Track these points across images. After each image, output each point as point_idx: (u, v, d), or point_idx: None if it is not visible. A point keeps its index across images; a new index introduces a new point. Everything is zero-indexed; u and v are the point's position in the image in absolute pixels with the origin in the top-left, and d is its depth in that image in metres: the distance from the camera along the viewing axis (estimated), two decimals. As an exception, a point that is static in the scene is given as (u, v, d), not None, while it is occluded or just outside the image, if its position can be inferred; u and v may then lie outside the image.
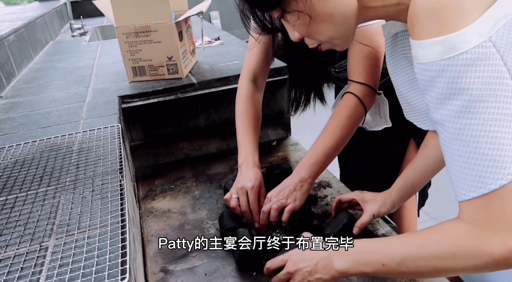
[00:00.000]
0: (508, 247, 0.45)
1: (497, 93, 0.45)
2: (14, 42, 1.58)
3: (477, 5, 0.45)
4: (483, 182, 0.45)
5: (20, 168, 0.77)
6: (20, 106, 1.16)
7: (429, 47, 0.47)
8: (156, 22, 1.21)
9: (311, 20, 0.57)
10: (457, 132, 0.47)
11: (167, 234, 0.96)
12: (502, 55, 0.45)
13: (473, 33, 0.44)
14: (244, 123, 1.00)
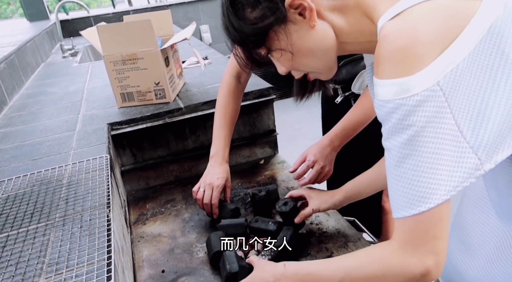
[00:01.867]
0: (425, 266, 0.52)
1: (437, 130, 0.50)
2: (5, 69, 1.61)
3: (430, 52, 0.50)
4: (414, 204, 0.52)
5: (11, 204, 0.80)
6: (12, 137, 1.19)
7: (387, 87, 0.52)
8: (142, 50, 1.25)
9: (293, 56, 0.62)
10: (400, 160, 0.53)
11: (158, 259, 0.99)
12: (447, 97, 0.50)
13: (424, 78, 0.50)
14: (221, 119, 1.10)
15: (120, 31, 1.24)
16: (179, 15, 3.72)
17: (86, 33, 1.32)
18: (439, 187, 0.51)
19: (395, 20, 0.53)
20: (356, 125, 1.02)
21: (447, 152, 0.51)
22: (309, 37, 0.61)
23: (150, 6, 3.84)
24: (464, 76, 0.50)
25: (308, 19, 0.59)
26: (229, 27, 0.64)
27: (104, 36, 1.24)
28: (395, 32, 0.52)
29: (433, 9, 0.51)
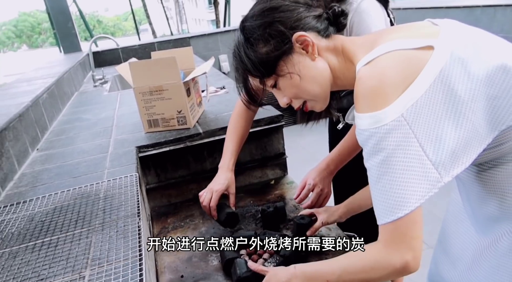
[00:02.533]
0: (404, 260, 0.65)
1: (405, 152, 0.63)
2: (47, 99, 1.83)
3: (394, 92, 0.64)
4: (392, 212, 0.64)
5: (59, 213, 0.96)
6: (54, 158, 1.37)
7: (364, 119, 0.67)
8: (167, 83, 1.43)
9: (301, 79, 0.76)
10: (378, 177, 0.66)
11: (177, 266, 1.12)
12: (411, 125, 0.63)
13: (391, 111, 0.64)
14: (229, 136, 1.27)
15: (148, 67, 1.43)
16: (199, 46, 3.98)
17: (120, 68, 1.52)
18: (411, 197, 0.63)
19: (368, 66, 0.68)
20: (350, 151, 1.13)
21: (414, 168, 0.63)
22: (311, 67, 0.76)
23: (173, 38, 4.12)
24: (423, 109, 0.63)
25: (310, 53, 0.75)
26: (244, 59, 0.78)
27: (134, 71, 1.43)
28: (367, 75, 0.67)
29: (396, 58, 0.66)
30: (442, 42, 0.66)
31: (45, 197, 1.06)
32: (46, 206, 1.01)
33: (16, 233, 0.89)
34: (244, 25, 0.78)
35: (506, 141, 0.69)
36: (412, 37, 0.68)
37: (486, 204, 0.80)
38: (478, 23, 2.92)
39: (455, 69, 0.64)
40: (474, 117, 0.64)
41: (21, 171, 1.28)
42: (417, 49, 0.66)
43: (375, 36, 0.75)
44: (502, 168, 0.74)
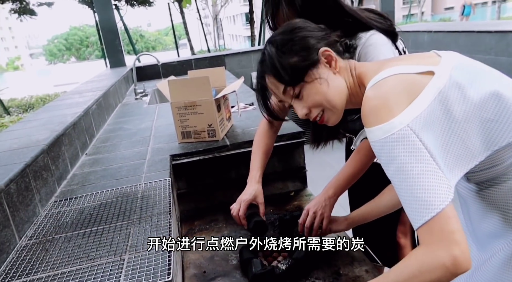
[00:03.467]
0: (453, 254, 0.62)
1: (417, 158, 0.68)
2: (95, 109, 2.06)
3: (399, 105, 0.72)
4: (422, 215, 0.67)
5: (104, 208, 1.13)
6: (100, 162, 1.57)
7: (373, 132, 0.74)
8: (200, 99, 1.61)
9: (328, 86, 0.86)
10: (399, 184, 0.70)
11: (201, 263, 1.26)
12: (417, 134, 0.69)
13: (397, 122, 0.70)
14: (255, 152, 1.39)
15: (184, 84, 1.61)
16: (233, 63, 4.20)
17: (160, 85, 1.72)
18: (434, 199, 0.66)
19: (373, 87, 0.77)
20: (350, 177, 1.17)
21: (429, 173, 0.68)
22: (334, 78, 0.87)
23: (209, 55, 4.37)
24: (426, 122, 0.70)
25: (333, 67, 0.86)
26: (277, 65, 0.87)
27: (172, 88, 1.61)
28: (373, 95, 0.75)
29: (399, 80, 0.75)
30: (442, 68, 0.75)
31: (93, 194, 1.24)
32: (93, 202, 1.19)
33: (69, 222, 1.07)
34: (274, 39, 0.89)
35: (501, 162, 0.77)
36: (415, 64, 0.77)
37: (487, 220, 0.86)
38: (510, 48, 2.92)
39: (453, 92, 0.72)
40: (466, 136, 0.73)
41: (73, 172, 1.48)
42: (419, 73, 0.75)
43: (382, 62, 0.85)
44: (501, 186, 0.81)
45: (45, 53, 49.16)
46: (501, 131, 0.74)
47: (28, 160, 1.12)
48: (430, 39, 3.75)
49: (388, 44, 1.11)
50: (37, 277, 0.83)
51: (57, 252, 0.92)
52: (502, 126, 0.74)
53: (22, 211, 1.03)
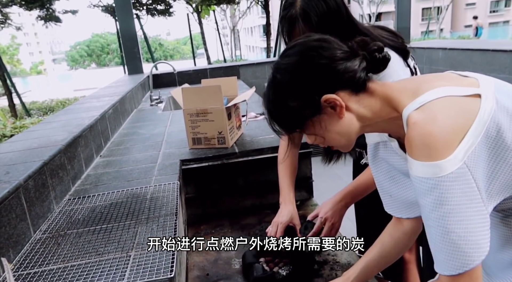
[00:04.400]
0: None
1: (471, 200, 0.63)
2: (112, 114, 2.14)
3: (455, 137, 0.64)
4: (461, 265, 0.64)
5: (114, 207, 1.18)
6: (113, 164, 1.63)
7: (423, 167, 0.65)
8: (211, 107, 1.66)
9: (326, 135, 0.78)
10: (445, 229, 0.65)
11: (205, 266, 1.29)
12: (472, 172, 0.64)
13: (455, 160, 0.63)
14: (282, 171, 1.38)
15: (197, 92, 1.67)
16: (248, 74, 4.27)
17: (174, 92, 1.78)
18: (481, 243, 0.63)
19: (419, 110, 0.68)
20: (366, 186, 1.18)
21: (478, 214, 0.64)
22: (337, 125, 0.76)
23: (224, 65, 4.46)
24: (480, 155, 0.65)
25: (339, 112, 0.74)
26: (273, 113, 0.79)
27: (186, 95, 1.67)
28: (422, 121, 0.66)
29: (449, 104, 0.67)
30: (486, 90, 0.68)
31: (104, 194, 1.29)
32: (105, 201, 1.24)
33: (81, 219, 1.12)
34: (276, 78, 0.78)
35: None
36: (457, 85, 0.70)
37: (506, 249, 0.81)
38: (525, 67, 2.91)
39: (503, 117, 0.66)
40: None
41: (87, 172, 1.54)
42: (466, 96, 0.67)
43: (415, 83, 0.75)
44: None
45: (67, 59, 50.56)
46: None
47: (46, 158, 1.18)
48: (445, 56, 3.75)
49: (400, 62, 1.11)
50: (49, 268, 0.88)
51: (68, 246, 0.97)
52: None
53: (38, 207, 1.09)
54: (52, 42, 63.29)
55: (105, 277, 0.83)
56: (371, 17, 20.77)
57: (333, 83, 0.75)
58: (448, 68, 3.93)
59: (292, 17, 1.08)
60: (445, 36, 22.00)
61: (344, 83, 0.75)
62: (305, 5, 1.06)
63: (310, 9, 1.05)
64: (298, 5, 1.07)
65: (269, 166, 1.61)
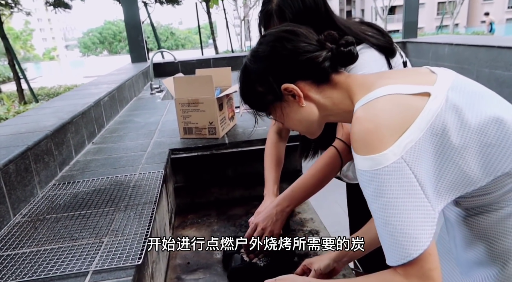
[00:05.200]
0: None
1: (409, 192, 0.65)
2: (108, 101, 2.14)
3: (392, 134, 0.66)
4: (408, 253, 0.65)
5: (96, 194, 1.19)
6: (103, 151, 1.64)
7: (363, 160, 0.69)
8: (203, 97, 1.65)
9: (284, 124, 0.85)
10: (386, 220, 0.67)
11: (187, 254, 1.30)
12: (411, 166, 0.65)
13: (390, 154, 0.65)
14: (267, 165, 1.36)
15: (189, 82, 1.67)
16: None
17: (166, 81, 1.78)
18: (422, 236, 0.65)
19: (364, 107, 0.71)
20: (308, 188, 1.11)
21: (419, 208, 0.65)
22: (298, 112, 0.81)
23: (228, 55, 4.44)
24: (421, 151, 0.66)
25: (298, 100, 0.79)
26: (245, 94, 0.86)
27: (177, 84, 1.67)
28: (364, 117, 0.70)
29: (392, 102, 0.69)
30: (438, 89, 0.69)
31: (89, 180, 1.30)
32: (88, 187, 1.25)
33: (62, 204, 1.14)
34: (246, 65, 0.84)
35: (495, 190, 0.73)
36: (409, 82, 0.72)
37: (472, 248, 0.83)
38: (531, 64, 2.83)
39: (450, 116, 0.67)
40: (463, 163, 0.68)
41: (76, 158, 1.56)
42: (413, 94, 0.69)
43: (375, 78, 0.78)
44: (489, 215, 0.77)
45: (80, 45, 50.91)
46: (503, 156, 0.69)
47: (30, 143, 1.19)
48: (451, 51, 3.68)
49: (380, 60, 1.08)
50: (21, 252, 0.89)
51: (45, 231, 0.98)
52: (504, 151, 0.69)
53: (20, 191, 1.11)
54: (65, 28, 63.73)
55: (74, 261, 0.84)
56: (384, 10, 20.40)
57: (293, 73, 0.78)
58: (453, 64, 3.86)
59: (268, 13, 1.08)
60: (459, 31, 21.54)
61: (305, 74, 0.78)
62: (281, 2, 1.05)
63: (286, 7, 1.04)
64: (275, 1, 1.07)
65: (258, 158, 1.60)
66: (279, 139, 1.41)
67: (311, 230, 1.40)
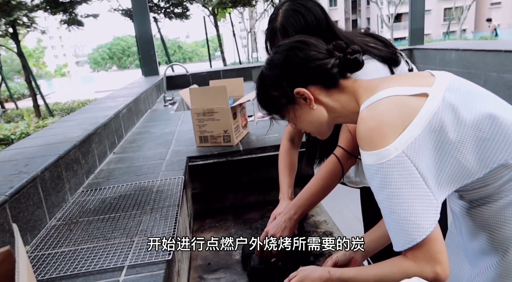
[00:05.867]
0: (436, 271, 0.73)
1: (411, 183, 0.72)
2: (126, 113, 2.25)
3: (394, 131, 0.74)
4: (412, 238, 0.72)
5: (122, 199, 1.28)
6: (125, 160, 1.73)
7: (368, 156, 0.76)
8: (217, 106, 1.74)
9: (296, 126, 0.96)
10: (391, 209, 0.74)
11: (207, 256, 1.37)
12: (412, 160, 0.72)
13: (392, 149, 0.73)
14: (282, 170, 1.43)
15: (204, 93, 1.76)
16: (260, 75, 4.34)
17: (182, 92, 1.87)
18: (424, 223, 0.72)
19: (368, 108, 0.79)
20: (314, 196, 1.16)
21: (421, 197, 0.72)
22: (309, 114, 0.90)
23: (237, 67, 4.55)
24: (421, 146, 0.73)
25: (309, 103, 0.88)
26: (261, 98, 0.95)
27: (193, 95, 1.76)
28: (367, 117, 0.78)
29: (393, 102, 0.77)
30: (435, 90, 0.77)
31: (115, 187, 1.39)
32: (114, 193, 1.34)
33: (92, 209, 1.22)
34: (263, 72, 0.94)
35: (493, 182, 0.80)
36: (410, 85, 0.79)
37: (476, 238, 0.89)
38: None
39: (447, 114, 0.74)
40: (461, 156, 0.75)
41: (100, 167, 1.65)
42: (413, 95, 0.77)
43: (378, 82, 0.86)
44: (490, 206, 0.84)
45: (90, 61, 51.92)
46: (497, 149, 0.76)
47: (62, 153, 1.29)
48: (458, 57, 3.73)
49: (383, 70, 1.13)
50: (61, 250, 0.97)
51: (79, 232, 1.07)
52: (498, 144, 0.76)
53: (54, 196, 1.20)
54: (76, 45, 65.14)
55: (110, 258, 0.91)
56: (390, 18, 20.52)
57: (305, 78, 0.87)
58: (461, 70, 3.91)
59: (273, 30, 1.15)
60: (466, 37, 21.50)
61: (315, 79, 0.87)
62: (285, 21, 1.12)
63: (289, 25, 1.11)
64: (279, 20, 1.14)
65: (272, 164, 1.68)
66: (291, 146, 1.48)
67: (325, 231, 1.47)
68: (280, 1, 1.19)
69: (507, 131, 0.76)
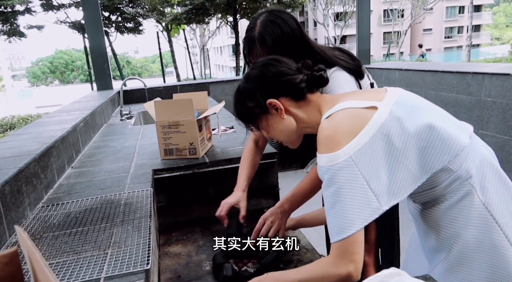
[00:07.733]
0: (347, 270, 0.82)
1: (352, 185, 0.82)
2: (83, 127, 2.16)
3: (345, 138, 0.84)
4: (343, 231, 0.82)
5: (89, 212, 1.23)
6: (85, 174, 1.66)
7: (322, 158, 0.86)
8: (183, 119, 1.75)
9: (268, 133, 1.04)
10: (332, 204, 0.84)
11: (176, 269, 1.35)
12: (357, 165, 0.82)
13: (342, 153, 0.83)
14: (242, 166, 1.51)
15: (169, 105, 1.76)
16: (217, 91, 4.39)
17: (147, 105, 1.85)
18: (356, 220, 0.81)
19: (327, 119, 0.90)
20: (305, 194, 1.27)
21: (359, 199, 0.81)
22: (280, 123, 1.00)
23: (194, 82, 4.56)
24: (367, 153, 0.83)
25: (280, 113, 0.98)
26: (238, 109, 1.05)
27: (158, 108, 1.75)
28: (325, 126, 0.89)
29: (347, 114, 0.88)
30: (384, 103, 0.88)
31: (78, 201, 1.34)
32: (79, 207, 1.28)
33: (56, 223, 1.16)
34: (240, 85, 1.03)
35: (437, 184, 0.90)
36: (364, 99, 0.90)
37: (429, 237, 0.99)
38: (469, 88, 3.21)
39: (393, 125, 0.85)
40: (408, 162, 0.85)
41: (59, 182, 1.57)
42: (364, 108, 0.88)
43: (339, 96, 0.98)
44: (438, 207, 0.94)
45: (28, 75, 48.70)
46: (436, 156, 0.86)
47: (22, 166, 1.22)
48: (401, 76, 4.05)
49: (350, 81, 1.24)
50: (26, 267, 0.92)
51: (45, 248, 1.01)
52: (436, 151, 0.86)
53: (14, 212, 1.12)
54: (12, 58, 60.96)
55: (84, 271, 0.88)
56: (336, 39, 21.72)
57: (276, 91, 0.98)
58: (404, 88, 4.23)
59: (251, 39, 1.23)
60: (404, 59, 23.33)
61: (285, 92, 0.98)
62: (263, 30, 1.20)
63: (266, 34, 1.19)
64: (257, 29, 1.21)
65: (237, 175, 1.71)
66: (255, 147, 1.55)
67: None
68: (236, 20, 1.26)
69: (444, 140, 0.87)
